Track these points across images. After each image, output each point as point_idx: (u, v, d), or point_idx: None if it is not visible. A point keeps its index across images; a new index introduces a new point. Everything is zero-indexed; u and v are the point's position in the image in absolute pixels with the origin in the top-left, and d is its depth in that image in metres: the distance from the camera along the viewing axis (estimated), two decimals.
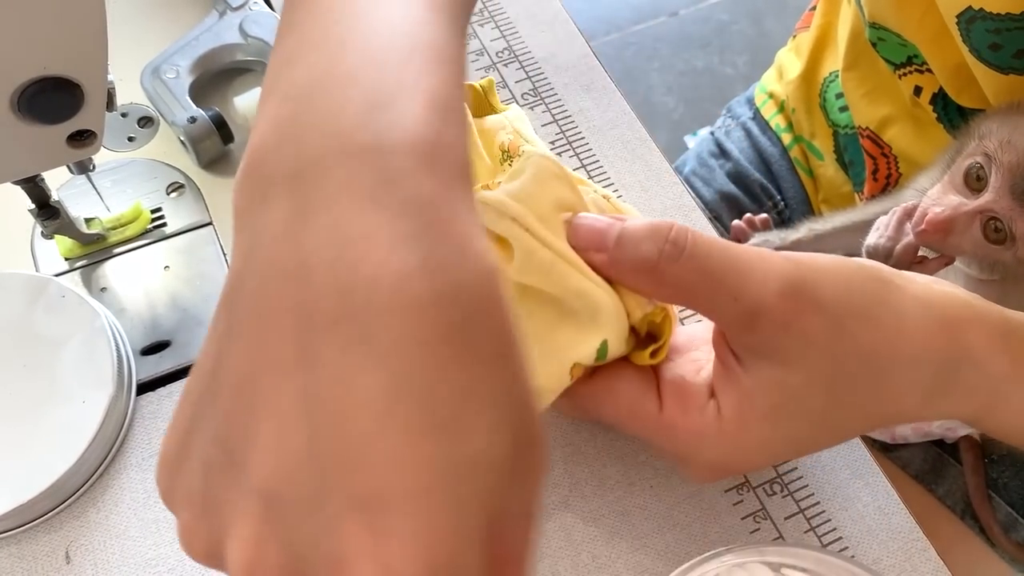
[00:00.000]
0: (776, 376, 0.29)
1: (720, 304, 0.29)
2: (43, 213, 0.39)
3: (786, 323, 0.28)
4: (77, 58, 0.31)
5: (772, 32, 1.50)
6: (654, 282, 0.29)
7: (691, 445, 0.31)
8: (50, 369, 0.37)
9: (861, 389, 0.30)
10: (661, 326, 0.31)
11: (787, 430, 0.30)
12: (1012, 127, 0.41)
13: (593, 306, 0.30)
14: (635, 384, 0.32)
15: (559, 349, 0.31)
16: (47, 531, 0.36)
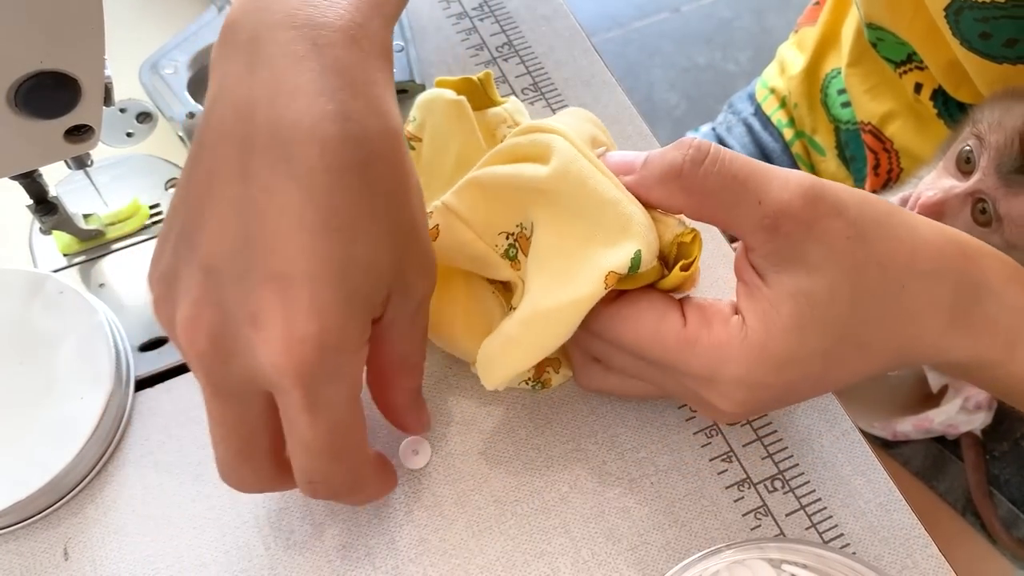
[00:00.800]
0: (800, 284, 0.29)
1: (743, 208, 0.29)
2: (41, 209, 0.39)
3: (808, 225, 0.28)
4: (74, 52, 0.31)
5: (774, 28, 1.50)
6: (680, 188, 0.30)
7: (715, 359, 0.30)
8: (48, 365, 0.37)
9: (883, 300, 0.29)
10: (691, 247, 0.31)
11: (813, 341, 0.29)
12: (1003, 110, 0.41)
13: (625, 218, 0.30)
14: (658, 303, 0.31)
15: (592, 258, 0.31)
16: (45, 527, 0.36)
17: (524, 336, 0.32)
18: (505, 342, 0.33)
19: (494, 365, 0.34)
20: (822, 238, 0.28)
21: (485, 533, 0.36)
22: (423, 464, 0.37)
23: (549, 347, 0.32)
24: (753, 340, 0.29)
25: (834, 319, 0.29)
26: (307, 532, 0.36)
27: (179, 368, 0.40)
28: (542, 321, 0.32)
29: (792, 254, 0.29)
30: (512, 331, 0.33)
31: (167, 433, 0.38)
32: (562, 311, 0.31)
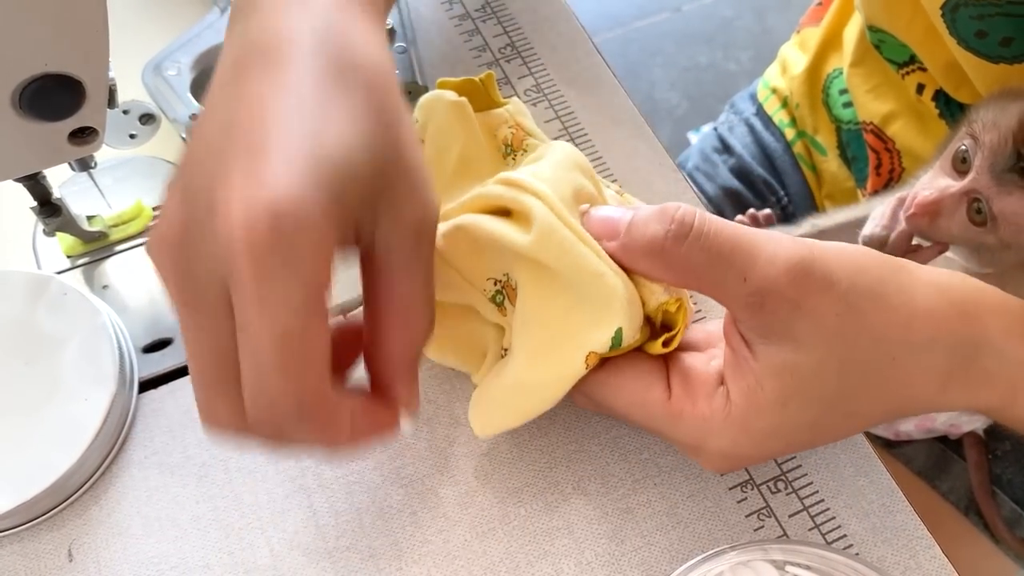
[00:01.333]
0: (786, 359, 0.29)
1: (729, 284, 0.28)
2: (45, 211, 0.39)
3: (796, 303, 0.28)
4: (78, 55, 0.31)
5: (775, 28, 1.50)
6: (663, 264, 0.29)
7: (699, 432, 0.30)
8: (52, 367, 0.37)
9: (874, 373, 0.29)
10: (675, 316, 0.31)
11: (798, 415, 0.29)
12: (999, 109, 0.42)
13: (608, 292, 0.30)
14: (644, 373, 0.32)
15: (573, 335, 0.31)
16: (49, 529, 0.36)
17: (510, 402, 0.33)
18: (493, 404, 0.34)
19: (482, 420, 0.35)
20: (810, 315, 0.28)
21: (488, 534, 0.36)
22: (409, 431, 0.37)
23: (534, 413, 0.33)
24: (736, 416, 0.29)
25: (820, 394, 0.29)
26: (311, 534, 0.36)
27: (183, 369, 0.40)
28: (526, 393, 0.33)
29: (779, 329, 0.28)
30: (498, 395, 0.34)
31: (171, 434, 0.38)
32: (545, 387, 0.32)
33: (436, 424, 0.39)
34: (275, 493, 0.37)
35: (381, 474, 0.37)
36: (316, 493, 0.37)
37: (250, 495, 0.37)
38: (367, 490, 0.37)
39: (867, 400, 0.30)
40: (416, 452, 0.38)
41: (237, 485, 0.37)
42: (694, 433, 0.31)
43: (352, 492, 0.37)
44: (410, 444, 0.38)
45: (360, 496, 0.37)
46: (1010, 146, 0.40)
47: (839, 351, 0.28)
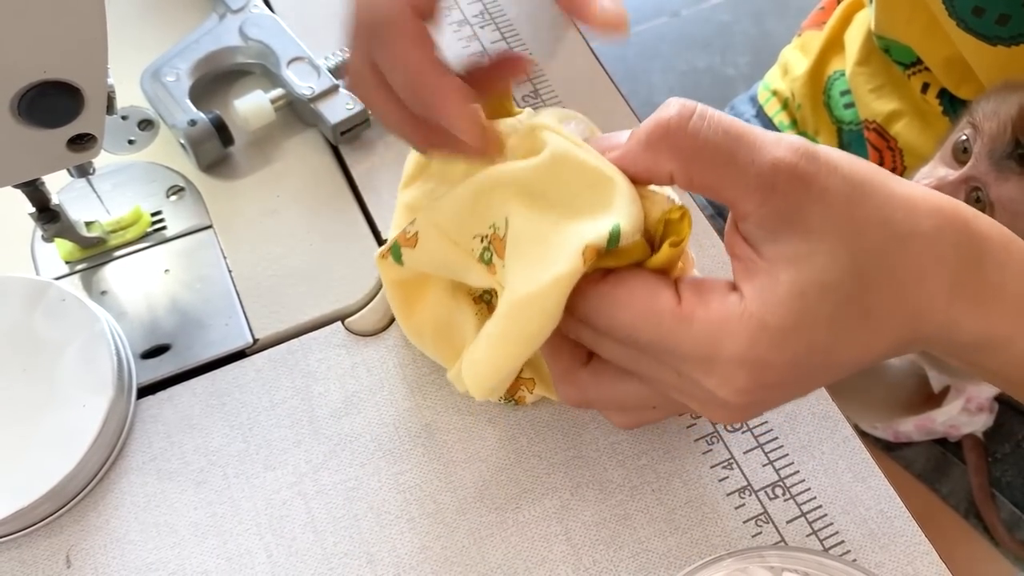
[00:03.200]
0: (799, 250, 0.27)
1: (737, 166, 0.27)
2: (43, 216, 0.39)
3: (806, 181, 0.27)
4: (77, 62, 0.31)
5: (774, 32, 1.50)
6: (668, 148, 0.28)
7: (713, 336, 0.28)
8: (50, 373, 0.37)
9: (885, 261, 0.28)
10: (680, 225, 0.30)
11: (817, 307, 0.27)
12: (999, 100, 0.42)
13: (607, 193, 0.30)
14: (650, 280, 0.29)
15: (569, 235, 0.30)
16: (47, 535, 0.36)
17: (508, 329, 0.31)
18: (488, 341, 0.31)
19: (480, 369, 0.32)
20: (822, 196, 0.27)
21: (486, 540, 0.36)
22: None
23: (536, 337, 0.30)
24: (752, 312, 0.27)
25: (837, 283, 0.27)
26: (309, 539, 0.36)
27: (181, 375, 0.40)
28: (524, 309, 0.30)
29: (789, 217, 0.27)
30: (494, 328, 0.31)
31: (169, 440, 0.38)
32: (543, 295, 0.29)
33: (434, 430, 0.39)
34: (273, 499, 0.37)
35: (379, 480, 0.37)
36: (314, 499, 0.37)
37: (248, 501, 0.37)
38: (365, 496, 0.37)
39: (881, 294, 0.28)
40: (415, 458, 0.38)
41: (235, 491, 0.37)
42: (707, 338, 0.28)
43: (350, 498, 0.37)
44: (408, 450, 0.38)
45: (358, 502, 0.37)
46: (1009, 133, 0.40)
47: (850, 237, 0.27)
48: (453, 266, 0.34)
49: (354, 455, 0.38)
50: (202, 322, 0.41)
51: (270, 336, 0.41)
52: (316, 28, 0.49)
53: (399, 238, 0.35)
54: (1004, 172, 0.40)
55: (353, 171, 0.46)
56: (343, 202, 0.45)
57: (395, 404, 0.39)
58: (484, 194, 0.32)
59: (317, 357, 0.40)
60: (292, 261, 0.43)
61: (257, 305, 0.42)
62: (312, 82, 0.46)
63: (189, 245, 0.43)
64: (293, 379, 0.40)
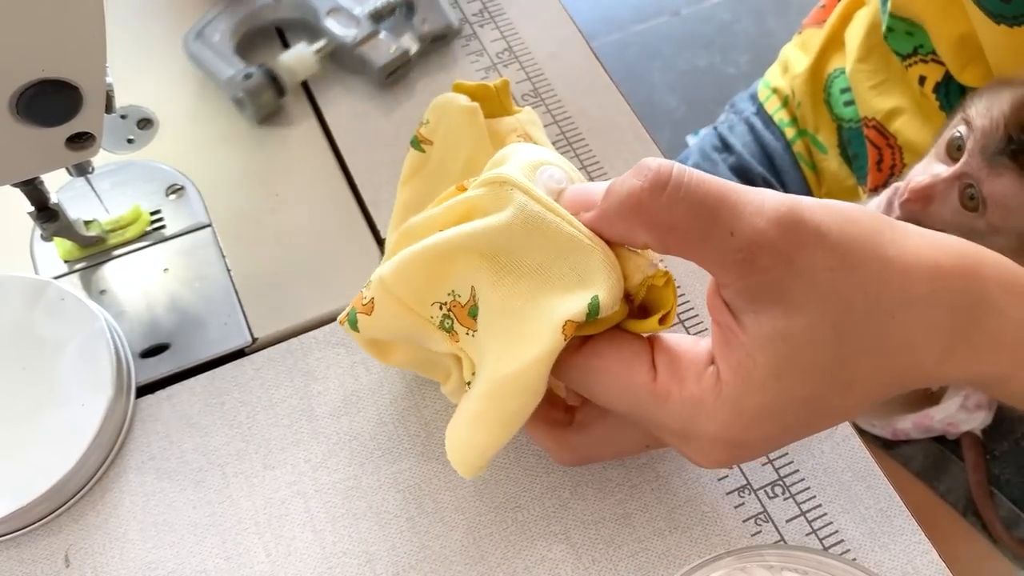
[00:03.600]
0: (778, 326, 0.26)
1: (714, 240, 0.26)
2: (42, 216, 0.39)
3: (788, 257, 0.26)
4: (76, 61, 0.31)
5: (774, 31, 1.50)
6: (642, 220, 0.27)
7: (688, 415, 0.28)
8: (49, 372, 0.37)
9: (872, 334, 0.26)
10: (664, 292, 0.29)
11: (794, 389, 0.27)
12: (993, 97, 0.42)
13: (584, 263, 0.29)
14: (627, 354, 0.29)
15: (547, 310, 0.29)
16: (46, 534, 0.36)
17: (491, 409, 0.30)
18: (472, 422, 0.31)
19: (466, 451, 0.31)
20: (802, 272, 0.26)
21: (486, 539, 0.36)
22: None
23: (519, 414, 0.30)
24: (727, 394, 0.27)
25: (816, 363, 0.27)
26: (308, 539, 0.36)
27: (180, 374, 0.40)
28: (506, 388, 0.29)
29: (769, 291, 0.26)
30: (476, 407, 0.30)
31: (168, 439, 0.38)
32: (525, 373, 0.29)
33: (433, 429, 0.39)
34: (272, 498, 0.37)
35: (378, 479, 0.37)
36: (313, 498, 0.37)
37: (247, 500, 0.37)
38: (364, 495, 0.37)
39: (866, 367, 0.27)
40: (414, 457, 0.38)
41: (234, 490, 0.37)
42: (682, 417, 0.28)
43: (349, 497, 0.37)
44: (407, 449, 0.38)
45: (357, 501, 0.37)
46: (1001, 130, 0.41)
47: (834, 311, 0.26)
48: (412, 333, 0.33)
49: (353, 454, 0.38)
50: (201, 321, 0.41)
51: (269, 335, 0.41)
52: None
53: (355, 304, 0.33)
54: (997, 168, 0.41)
55: (352, 169, 0.46)
56: (342, 201, 0.45)
57: (394, 403, 0.39)
58: (442, 260, 0.31)
59: (316, 356, 0.40)
60: (291, 260, 0.43)
61: (256, 304, 0.42)
62: (352, 29, 0.47)
63: (188, 244, 0.43)
64: (292, 378, 0.40)
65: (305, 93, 0.48)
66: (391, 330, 0.33)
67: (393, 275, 0.31)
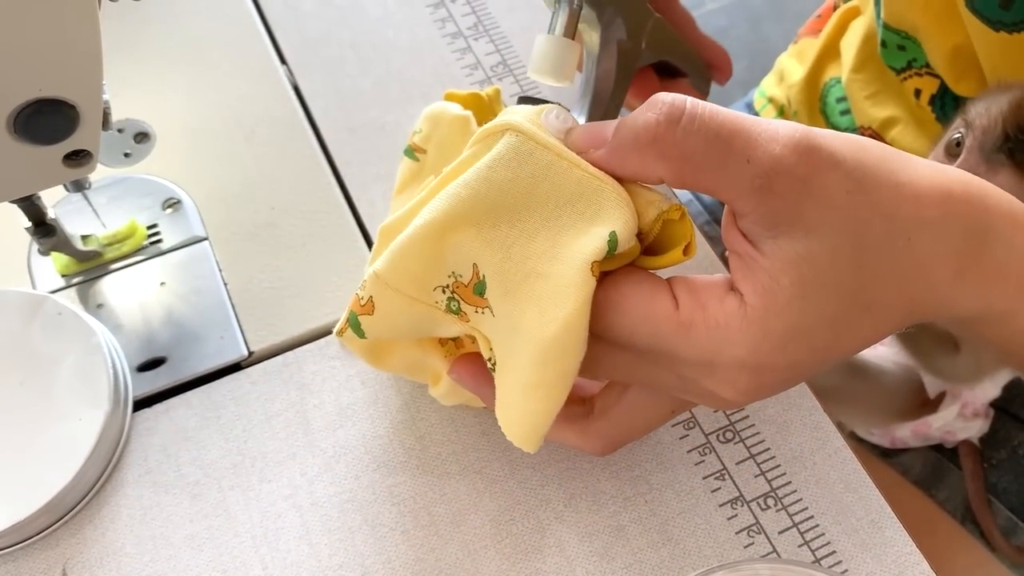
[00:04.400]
0: (799, 249, 0.26)
1: (731, 168, 0.26)
2: (39, 231, 0.40)
3: (804, 181, 0.26)
4: (72, 80, 0.31)
5: (770, 37, 1.50)
6: (658, 153, 0.27)
7: (714, 343, 0.27)
8: (47, 386, 0.38)
9: (888, 256, 0.27)
10: (681, 225, 0.29)
11: (820, 308, 0.26)
12: (992, 99, 0.43)
13: (594, 204, 0.28)
14: (644, 284, 0.28)
15: (571, 258, 0.28)
16: (44, 548, 0.36)
17: (545, 374, 0.29)
18: (526, 392, 0.29)
19: (527, 422, 0.30)
20: (820, 195, 0.26)
21: (480, 552, 0.36)
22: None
23: (572, 372, 0.29)
24: (754, 318, 0.26)
25: (839, 282, 0.27)
26: (304, 552, 0.36)
27: (177, 388, 0.40)
28: (555, 349, 0.28)
29: (788, 216, 0.26)
30: (528, 377, 0.29)
31: (165, 453, 0.39)
32: (570, 328, 0.28)
33: (428, 442, 0.39)
34: (268, 512, 0.37)
35: (374, 492, 0.38)
36: (309, 511, 0.37)
37: (244, 513, 0.37)
38: (360, 508, 0.37)
39: (884, 288, 0.27)
40: (409, 470, 0.38)
41: (231, 504, 0.37)
42: (708, 345, 0.27)
43: (345, 510, 0.37)
44: (403, 462, 0.38)
45: (353, 514, 0.37)
46: (1000, 127, 0.41)
47: (852, 232, 0.26)
48: (419, 323, 0.32)
49: (349, 467, 0.38)
50: (198, 335, 0.41)
51: (265, 348, 0.41)
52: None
53: (353, 306, 0.32)
54: (994, 165, 0.41)
55: (347, 182, 0.46)
56: (337, 213, 0.45)
57: (390, 416, 0.39)
58: (434, 242, 0.30)
59: (312, 369, 0.41)
60: (287, 273, 0.43)
61: (252, 317, 0.42)
62: None
63: (185, 258, 0.44)
64: (288, 391, 0.40)
65: (301, 106, 0.49)
66: (396, 325, 0.32)
67: (388, 267, 0.30)
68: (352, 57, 0.50)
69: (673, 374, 0.29)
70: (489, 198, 0.29)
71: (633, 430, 0.33)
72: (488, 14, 0.52)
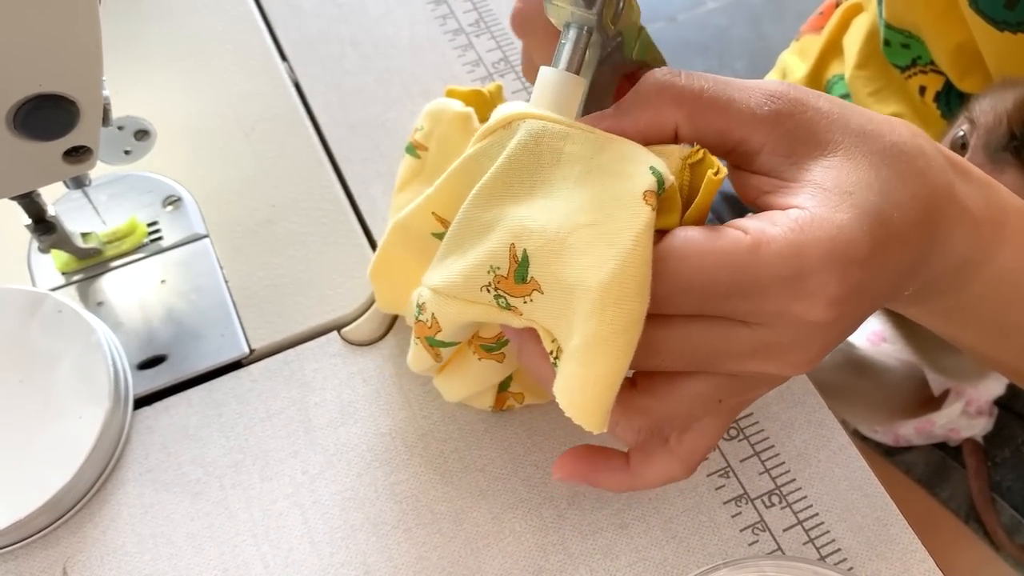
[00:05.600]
0: (822, 164, 0.28)
1: (739, 104, 0.28)
2: (39, 228, 0.39)
3: (802, 102, 0.28)
4: (72, 75, 0.31)
5: (771, 36, 1.50)
6: (672, 98, 0.28)
7: (796, 247, 0.26)
8: (47, 384, 0.37)
9: (894, 159, 0.28)
10: (708, 160, 0.28)
11: (869, 193, 0.27)
12: (997, 97, 0.43)
13: (623, 153, 0.27)
14: (700, 232, 0.27)
15: (617, 196, 0.26)
16: (44, 547, 0.36)
17: (604, 325, 0.25)
18: (586, 352, 0.26)
19: (591, 391, 0.26)
20: (819, 113, 0.28)
21: (483, 550, 0.36)
22: None
23: (636, 318, 0.25)
24: (822, 209, 0.26)
25: (869, 179, 0.27)
26: (305, 550, 0.36)
27: (177, 386, 0.40)
28: (614, 291, 0.25)
29: (801, 136, 0.28)
30: (586, 333, 0.26)
31: (166, 451, 0.38)
32: (629, 263, 0.25)
33: (430, 440, 0.39)
34: (270, 510, 0.37)
35: (376, 490, 0.37)
36: (311, 509, 0.37)
37: (244, 512, 0.37)
38: (361, 506, 0.37)
39: (903, 184, 0.28)
40: (411, 468, 0.38)
41: (232, 502, 0.37)
42: (791, 253, 0.26)
43: (347, 508, 0.37)
44: (405, 460, 0.38)
45: (355, 512, 0.37)
46: (1005, 126, 0.41)
47: (858, 143, 0.28)
48: (484, 319, 0.30)
49: (350, 465, 0.38)
50: (198, 333, 0.41)
51: (266, 346, 0.41)
52: None
53: (419, 332, 0.31)
54: (1000, 164, 0.41)
55: (348, 179, 0.46)
56: (338, 210, 0.45)
57: (392, 414, 0.39)
58: (463, 241, 0.29)
59: (313, 367, 0.40)
60: (288, 271, 0.43)
61: (253, 315, 0.42)
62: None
63: (185, 255, 0.43)
64: (289, 389, 0.40)
65: (301, 103, 0.49)
66: (466, 329, 0.31)
67: (440, 280, 0.29)
68: (353, 54, 0.50)
69: (748, 327, 0.27)
70: (517, 175, 0.28)
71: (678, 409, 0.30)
72: (489, 11, 0.52)
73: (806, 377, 0.40)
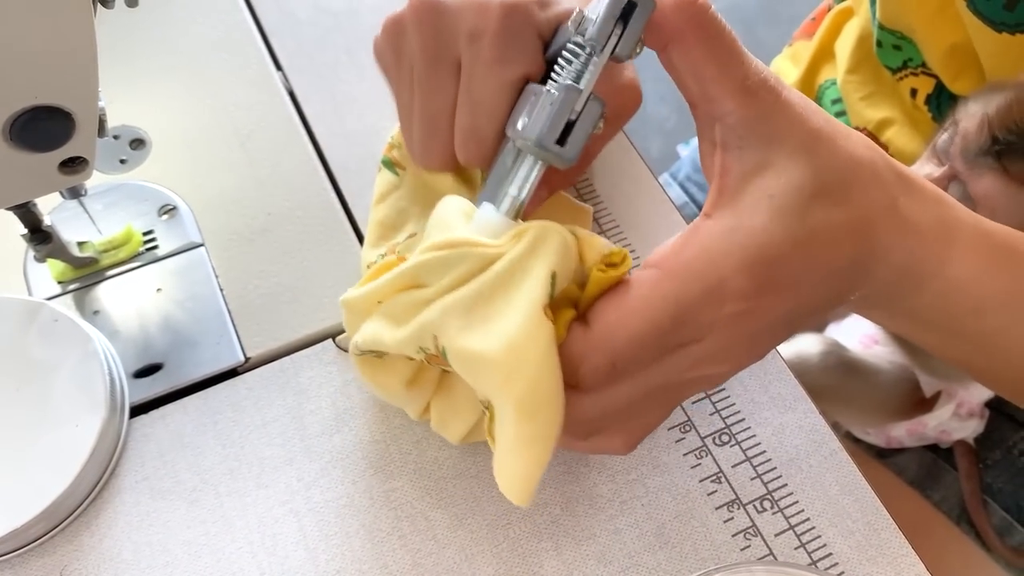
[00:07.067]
0: (759, 160, 0.29)
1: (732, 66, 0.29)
2: (35, 237, 0.40)
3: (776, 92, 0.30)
4: (68, 87, 0.31)
5: (765, 41, 1.51)
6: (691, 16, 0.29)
7: (708, 254, 0.28)
8: (43, 393, 0.38)
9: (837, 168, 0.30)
10: (620, 267, 0.29)
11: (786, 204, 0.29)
12: (983, 101, 0.43)
13: (529, 243, 0.29)
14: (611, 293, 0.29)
15: (522, 304, 0.28)
16: (41, 555, 0.36)
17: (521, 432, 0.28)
18: (513, 449, 0.29)
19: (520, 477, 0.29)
20: (787, 106, 0.30)
21: (478, 556, 0.36)
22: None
23: (556, 417, 0.28)
24: (730, 223, 0.29)
25: (799, 183, 0.29)
26: (301, 557, 0.36)
27: (173, 394, 0.40)
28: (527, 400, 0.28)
29: (758, 125, 0.29)
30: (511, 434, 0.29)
31: (162, 459, 0.39)
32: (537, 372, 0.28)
33: (425, 447, 0.39)
34: (265, 517, 0.37)
35: (371, 497, 0.38)
36: (306, 516, 0.37)
37: (240, 519, 0.37)
38: (357, 513, 0.37)
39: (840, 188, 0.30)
40: (406, 475, 0.38)
41: (228, 510, 0.37)
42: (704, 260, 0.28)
43: (342, 515, 0.37)
44: (400, 468, 0.38)
45: (350, 519, 0.37)
46: (986, 130, 0.41)
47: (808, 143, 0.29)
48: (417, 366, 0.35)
49: (346, 472, 0.38)
50: (194, 341, 0.41)
51: (261, 354, 0.41)
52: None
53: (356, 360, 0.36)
54: (978, 168, 0.41)
55: (343, 187, 0.46)
56: (333, 219, 0.45)
57: (386, 421, 0.39)
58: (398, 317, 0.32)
59: (308, 375, 0.41)
60: (283, 279, 0.43)
61: (248, 323, 0.42)
62: None
63: (181, 264, 0.44)
64: (284, 397, 0.40)
65: (296, 112, 0.49)
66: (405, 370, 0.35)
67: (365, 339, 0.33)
68: (347, 63, 0.50)
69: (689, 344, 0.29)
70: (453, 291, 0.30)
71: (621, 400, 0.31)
72: None
73: (797, 383, 0.41)
